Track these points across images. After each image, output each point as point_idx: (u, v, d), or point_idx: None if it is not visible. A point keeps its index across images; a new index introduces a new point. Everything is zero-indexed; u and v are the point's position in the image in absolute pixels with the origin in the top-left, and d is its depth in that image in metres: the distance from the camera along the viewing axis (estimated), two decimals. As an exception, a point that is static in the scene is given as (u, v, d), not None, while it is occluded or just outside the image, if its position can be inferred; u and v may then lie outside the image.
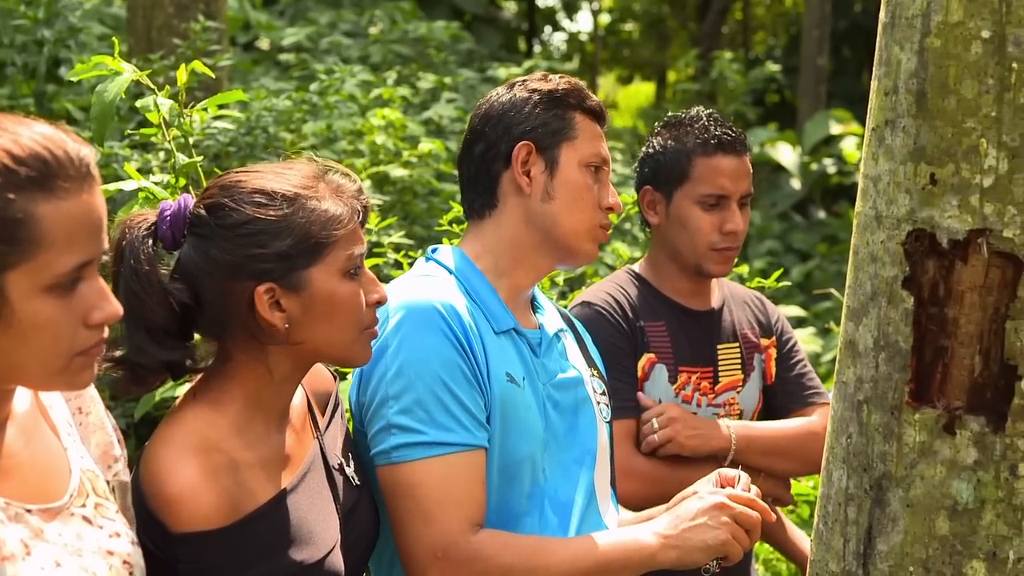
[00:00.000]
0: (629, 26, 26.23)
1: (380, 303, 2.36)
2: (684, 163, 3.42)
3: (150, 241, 2.24)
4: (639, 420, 3.30)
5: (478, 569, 2.41)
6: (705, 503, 2.48)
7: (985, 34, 2.00)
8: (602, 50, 25.42)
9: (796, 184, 14.52)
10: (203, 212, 2.25)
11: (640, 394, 3.31)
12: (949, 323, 2.06)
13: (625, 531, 2.50)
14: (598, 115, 2.70)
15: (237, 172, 2.32)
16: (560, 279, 4.29)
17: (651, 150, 3.52)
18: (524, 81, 2.72)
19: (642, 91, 30.03)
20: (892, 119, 2.11)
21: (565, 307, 3.36)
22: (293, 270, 2.24)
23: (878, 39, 2.18)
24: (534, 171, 2.63)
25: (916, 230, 2.07)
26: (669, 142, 3.47)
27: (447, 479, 2.43)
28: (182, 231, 2.26)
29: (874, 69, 2.19)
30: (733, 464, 3.20)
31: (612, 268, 6.04)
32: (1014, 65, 1.98)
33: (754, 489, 2.58)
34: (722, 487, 2.58)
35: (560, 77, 2.72)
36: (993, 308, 2.03)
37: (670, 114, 3.59)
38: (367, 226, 4.58)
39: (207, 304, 2.25)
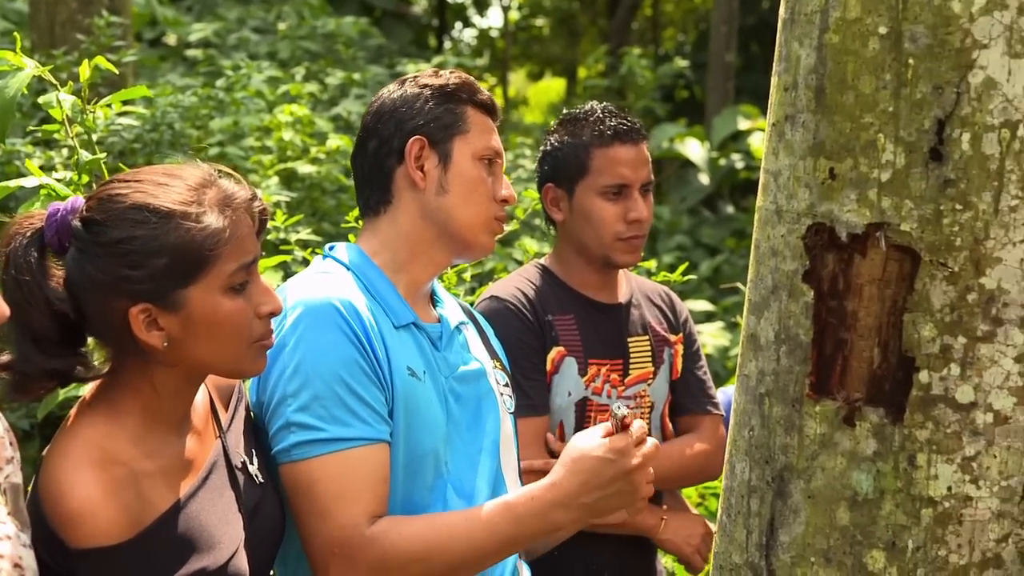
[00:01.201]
0: (539, 22, 26.28)
1: (273, 314, 2.30)
2: (582, 156, 3.45)
3: (33, 249, 2.18)
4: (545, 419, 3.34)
5: (375, 559, 2.40)
6: (619, 469, 2.39)
7: (882, 30, 2.02)
8: (512, 46, 25.43)
9: (705, 179, 14.62)
10: (80, 226, 2.19)
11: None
12: (848, 316, 2.08)
13: (531, 506, 2.44)
14: (489, 109, 2.71)
15: (119, 183, 2.24)
16: (467, 274, 4.29)
17: (549, 147, 3.54)
18: (415, 77, 2.72)
19: (553, 87, 30.08)
20: (792, 114, 2.13)
21: (471, 303, 3.36)
22: (169, 290, 2.18)
23: (778, 35, 2.20)
24: (427, 166, 2.63)
25: (816, 224, 2.10)
26: (566, 138, 3.50)
27: (345, 475, 2.42)
28: (68, 237, 2.20)
29: (774, 65, 2.21)
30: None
31: (520, 263, 6.05)
32: (910, 61, 2.00)
33: (639, 424, 2.49)
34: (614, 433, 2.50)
35: (451, 72, 2.73)
36: (891, 301, 2.06)
37: (565, 111, 3.61)
38: (274, 223, 4.58)
39: (89, 317, 2.20)
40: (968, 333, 2.04)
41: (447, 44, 23.16)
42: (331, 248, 2.71)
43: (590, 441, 2.40)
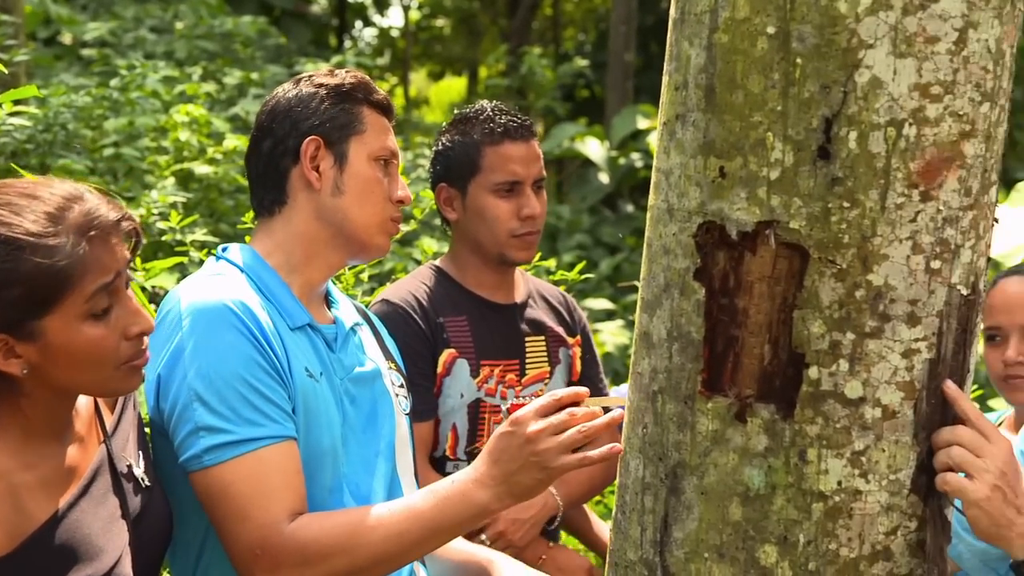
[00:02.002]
0: (440, 22, 26.24)
1: (143, 335, 2.26)
2: (474, 155, 3.46)
3: None
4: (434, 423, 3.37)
5: (297, 556, 2.39)
6: (520, 438, 2.38)
7: (770, 30, 2.04)
8: (413, 46, 25.36)
9: (604, 178, 14.68)
10: None
11: None
12: (739, 313, 2.10)
13: (451, 489, 2.43)
14: (385, 109, 2.70)
15: None
16: (365, 275, 4.28)
17: (441, 147, 3.55)
18: (311, 76, 2.70)
19: (454, 87, 30.07)
20: (682, 113, 2.15)
21: (368, 304, 3.35)
22: (25, 321, 2.12)
23: (668, 35, 2.22)
24: (323, 166, 2.62)
25: (706, 222, 2.11)
26: (457, 137, 3.51)
27: (259, 474, 2.41)
28: None
29: (665, 64, 2.22)
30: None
31: (420, 264, 6.05)
32: (798, 60, 2.02)
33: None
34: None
35: (346, 71, 2.71)
36: (781, 298, 2.08)
37: (457, 111, 3.61)
38: (169, 224, 4.53)
39: None
40: (856, 329, 2.06)
41: (347, 43, 23.05)
42: (224, 249, 2.69)
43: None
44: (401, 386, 2.80)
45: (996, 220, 2.20)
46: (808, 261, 2.05)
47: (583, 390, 2.42)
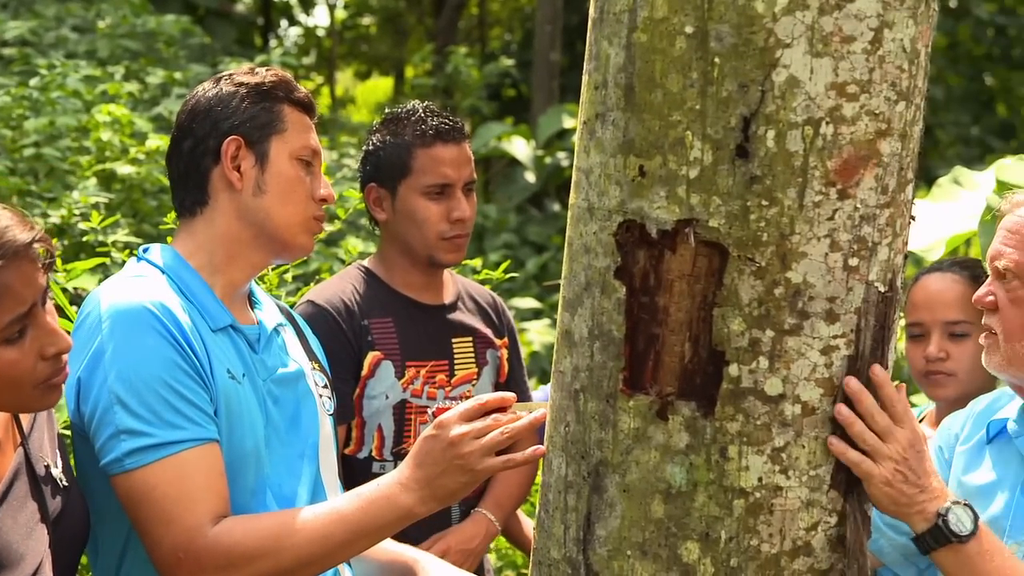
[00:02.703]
0: (366, 21, 26.15)
1: (60, 354, 2.24)
2: (404, 156, 3.45)
3: None
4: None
5: (220, 560, 2.38)
6: (443, 441, 2.39)
7: (688, 29, 2.05)
8: (339, 45, 25.25)
9: (531, 178, 14.69)
10: None
11: None
12: (660, 311, 2.11)
13: (376, 492, 2.44)
14: (307, 107, 2.69)
15: None
16: (289, 275, 4.26)
17: (371, 147, 3.54)
18: (231, 75, 2.68)
19: (380, 86, 29.97)
20: (602, 112, 2.16)
21: (293, 304, 3.34)
22: None
23: (588, 34, 2.23)
24: (244, 166, 2.60)
25: (627, 221, 2.12)
26: (388, 137, 3.50)
27: (182, 477, 2.39)
28: None
29: (585, 64, 2.23)
30: None
31: (344, 264, 6.03)
32: (716, 60, 2.04)
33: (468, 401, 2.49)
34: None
35: (267, 70, 2.69)
36: (701, 296, 2.09)
37: (387, 110, 3.60)
38: (91, 225, 4.49)
39: None
40: (776, 326, 2.08)
41: (272, 43, 22.92)
42: (145, 250, 2.67)
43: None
44: (325, 387, 2.79)
45: (913, 218, 2.23)
46: (727, 259, 2.06)
47: (510, 395, 2.44)
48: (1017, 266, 2.40)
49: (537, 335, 8.95)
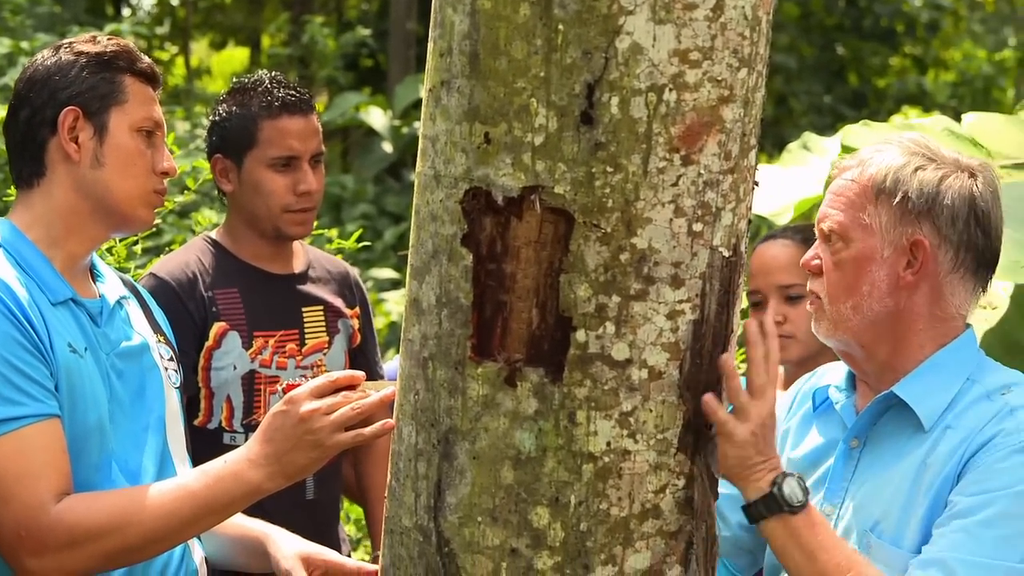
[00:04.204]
0: (221, -10, 25.78)
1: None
2: (251, 128, 3.43)
3: None
4: None
5: (63, 537, 2.35)
6: (293, 417, 2.39)
7: (532, -4, 2.05)
8: (194, 14, 24.87)
9: (388, 148, 14.65)
10: None
11: None
12: (507, 278, 2.11)
13: (223, 469, 2.43)
14: (150, 78, 2.64)
15: None
16: (139, 248, 4.20)
17: (217, 118, 3.51)
18: (71, 43, 2.63)
19: (236, 56, 29.58)
20: (447, 80, 2.15)
21: (136, 278, 3.30)
22: None
23: (433, 1, 2.21)
24: (82, 137, 2.55)
25: (473, 188, 2.12)
26: (234, 108, 3.47)
27: (21, 454, 2.35)
28: None
29: (430, 31, 2.22)
30: None
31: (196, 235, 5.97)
32: (560, 27, 2.04)
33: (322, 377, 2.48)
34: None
35: (109, 39, 2.64)
36: (548, 262, 2.09)
37: (235, 80, 3.57)
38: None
39: None
40: (622, 292, 2.09)
41: (125, 12, 22.50)
42: (-21, 225, 2.61)
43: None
44: (170, 359, 2.76)
45: (757, 183, 2.26)
46: (573, 226, 2.07)
47: (359, 373, 2.44)
48: (841, 228, 2.44)
49: (395, 305, 8.95)
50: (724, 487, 2.31)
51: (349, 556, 3.65)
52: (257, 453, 2.40)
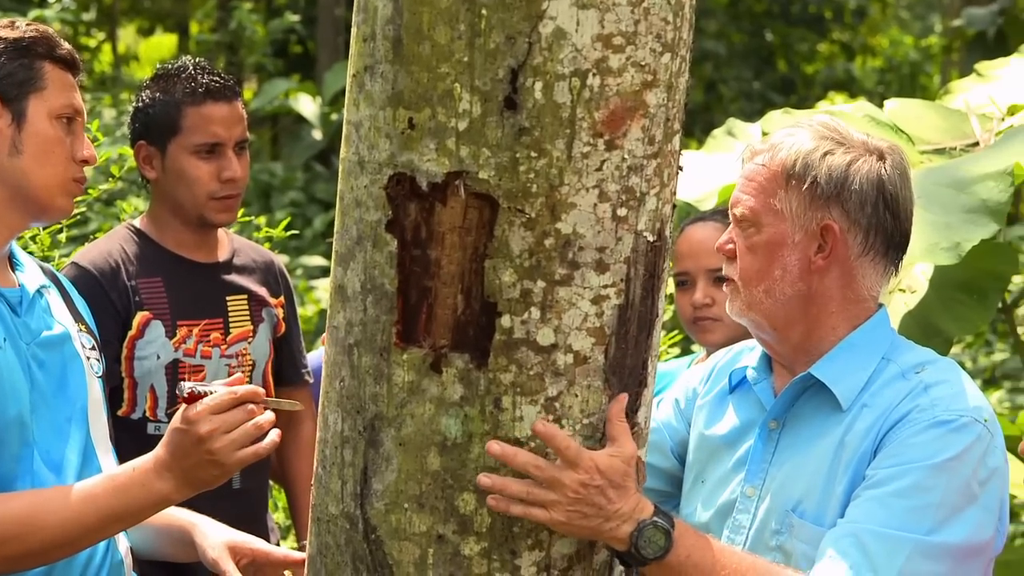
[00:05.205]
0: (148, -24, 25.55)
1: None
2: (174, 114, 3.40)
3: None
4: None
5: None
6: (192, 437, 2.36)
7: (456, -19, 2.04)
8: (121, 1, 24.65)
9: (318, 135, 14.59)
10: None
11: None
12: (432, 264, 2.11)
13: (131, 478, 2.41)
14: (70, 64, 2.61)
15: None
16: (63, 236, 4.16)
17: (141, 104, 3.48)
18: None
19: (164, 43, 29.34)
20: (371, 65, 2.14)
21: (60, 267, 3.26)
22: None
23: (356, -14, 2.20)
24: (0, 125, 2.52)
25: (397, 174, 2.11)
26: (158, 95, 3.44)
27: None
28: None
29: (353, 16, 2.21)
30: None
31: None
32: (484, 11, 2.03)
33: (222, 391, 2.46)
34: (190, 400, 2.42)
35: (27, 24, 2.60)
36: (472, 248, 2.09)
37: (159, 66, 3.54)
38: None
39: None
40: (547, 277, 2.09)
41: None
42: None
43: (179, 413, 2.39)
44: (92, 348, 2.73)
45: (681, 168, 2.26)
46: (498, 211, 2.07)
47: (260, 389, 2.41)
48: (752, 213, 2.45)
49: (326, 293, 8.88)
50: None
51: (278, 544, 3.64)
52: (163, 464, 2.38)
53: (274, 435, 2.38)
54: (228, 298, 3.50)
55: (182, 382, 2.45)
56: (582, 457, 2.11)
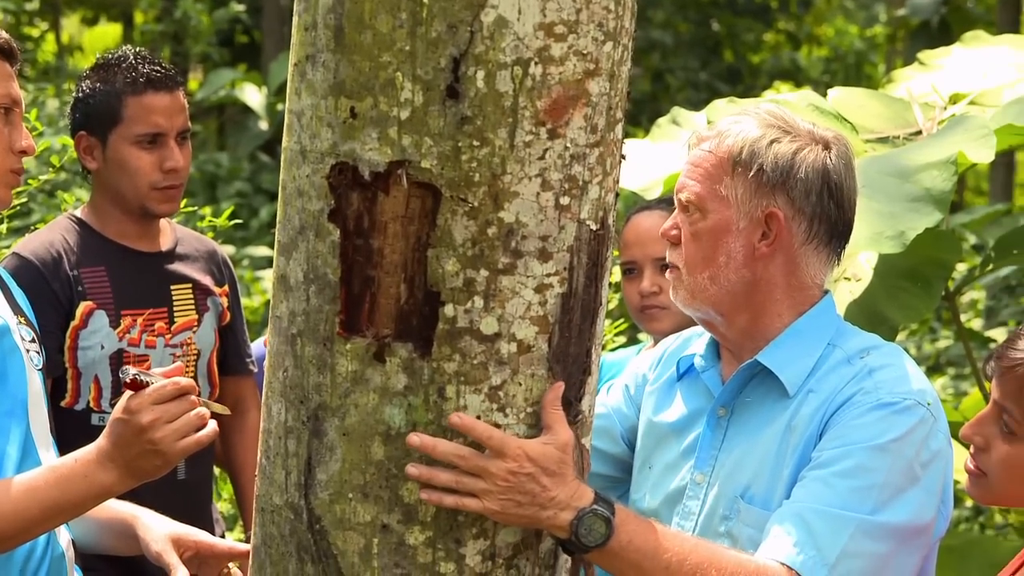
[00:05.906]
0: (91, -35, 25.35)
1: None
2: (115, 104, 3.38)
3: None
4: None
5: None
6: (133, 427, 2.34)
7: (397, -31, 2.04)
8: (64, -10, 24.45)
9: (264, 125, 14.53)
10: None
11: None
12: (375, 253, 2.10)
13: (72, 470, 2.39)
14: (7, 53, 2.59)
15: None
16: (4, 227, 4.13)
17: (81, 94, 3.46)
18: None
19: (108, 33, 29.14)
20: (312, 54, 2.13)
21: (1, 258, 3.24)
22: None
23: (297, -25, 2.19)
24: None
25: (339, 163, 2.10)
26: (98, 85, 3.42)
27: None
28: None
29: (295, 5, 2.20)
30: None
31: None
32: (425, 0, 2.03)
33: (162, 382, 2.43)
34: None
35: None
36: (415, 237, 2.09)
37: (99, 56, 3.52)
38: None
39: None
40: (490, 266, 2.09)
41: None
42: None
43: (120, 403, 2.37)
44: (32, 341, 2.70)
45: (624, 157, 2.27)
46: (440, 200, 2.07)
47: (195, 386, 2.40)
48: (698, 198, 2.46)
49: (271, 283, 8.89)
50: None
51: (224, 536, 3.63)
52: (105, 455, 2.37)
53: (214, 424, 2.37)
54: (172, 287, 3.49)
55: (126, 366, 2.44)
56: (507, 445, 2.10)
